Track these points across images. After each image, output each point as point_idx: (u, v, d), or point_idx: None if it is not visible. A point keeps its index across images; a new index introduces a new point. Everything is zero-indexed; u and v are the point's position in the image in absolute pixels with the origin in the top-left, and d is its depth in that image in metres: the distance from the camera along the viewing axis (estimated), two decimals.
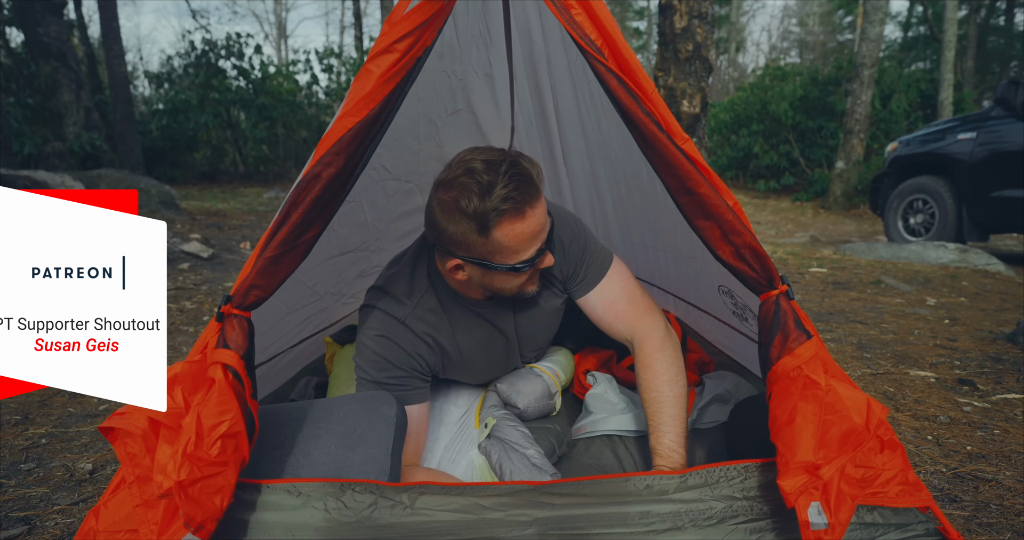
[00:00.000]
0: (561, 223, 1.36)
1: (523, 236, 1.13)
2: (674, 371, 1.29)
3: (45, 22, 8.23)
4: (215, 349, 0.91)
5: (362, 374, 1.29)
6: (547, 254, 1.21)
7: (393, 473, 1.03)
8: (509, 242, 1.13)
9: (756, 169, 13.42)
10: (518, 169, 1.09)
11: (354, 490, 0.91)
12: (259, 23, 50.96)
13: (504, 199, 1.07)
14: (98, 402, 2.03)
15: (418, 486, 0.93)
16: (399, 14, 0.95)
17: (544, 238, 1.18)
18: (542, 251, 1.19)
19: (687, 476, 0.92)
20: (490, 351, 1.46)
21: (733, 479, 0.92)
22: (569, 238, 1.37)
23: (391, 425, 1.06)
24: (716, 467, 0.93)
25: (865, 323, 2.94)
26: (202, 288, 3.97)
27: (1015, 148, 4.67)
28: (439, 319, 1.34)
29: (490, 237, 1.11)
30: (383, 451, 1.03)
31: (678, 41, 4.01)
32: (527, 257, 1.16)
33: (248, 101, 12.95)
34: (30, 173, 5.25)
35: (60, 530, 1.27)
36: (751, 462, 0.93)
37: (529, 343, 1.54)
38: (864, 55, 9.72)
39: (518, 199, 1.08)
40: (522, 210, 1.09)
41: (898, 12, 22.03)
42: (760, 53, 33.59)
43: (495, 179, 1.07)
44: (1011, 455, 1.53)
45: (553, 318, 1.53)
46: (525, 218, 1.10)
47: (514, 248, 1.14)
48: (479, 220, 1.09)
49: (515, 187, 1.07)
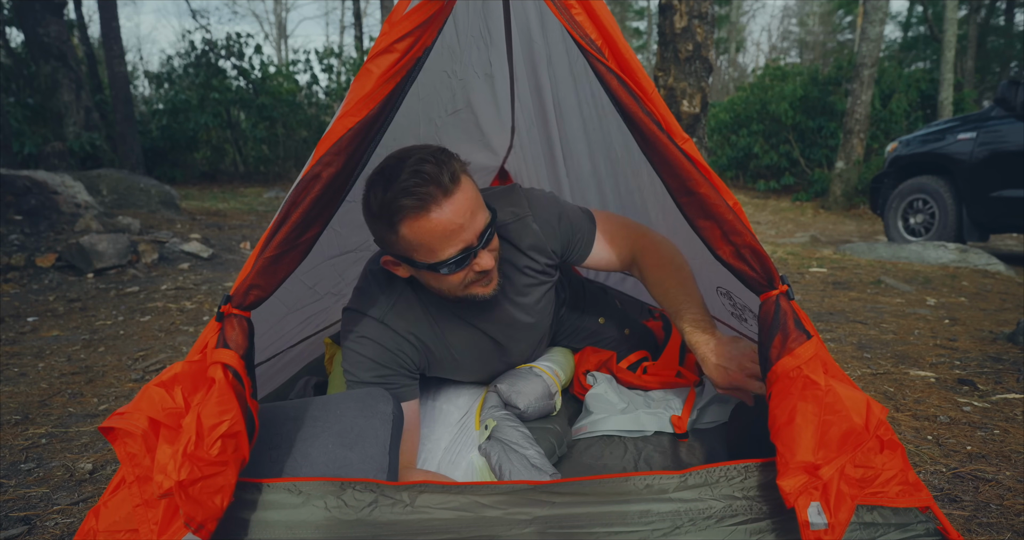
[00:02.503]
0: (541, 205, 1.38)
1: (433, 234, 1.07)
2: (678, 260, 1.40)
3: (45, 22, 8.23)
4: (215, 349, 0.91)
5: (350, 377, 1.29)
6: (481, 255, 1.15)
7: (391, 470, 1.03)
8: (420, 240, 1.09)
9: (756, 169, 13.42)
10: (422, 166, 1.04)
11: (354, 488, 0.91)
12: (259, 23, 51.10)
13: (403, 193, 1.03)
14: (98, 402, 2.03)
15: (418, 484, 0.93)
16: (399, 14, 0.95)
17: (469, 239, 1.11)
18: (471, 252, 1.13)
19: (687, 476, 0.92)
20: (477, 349, 1.46)
21: (733, 479, 0.92)
22: (556, 216, 1.38)
23: (388, 422, 1.06)
24: (716, 467, 0.93)
25: (865, 323, 2.94)
26: (202, 288, 3.97)
27: (1015, 148, 4.67)
28: (419, 317, 1.33)
29: (400, 234, 1.08)
30: (381, 449, 1.03)
31: (678, 41, 4.01)
32: (446, 257, 1.11)
33: (248, 101, 12.95)
34: (30, 173, 5.25)
35: (60, 530, 1.27)
36: (751, 462, 0.93)
37: (517, 341, 1.52)
38: (864, 55, 9.73)
39: (420, 195, 1.04)
40: (426, 206, 1.05)
41: (898, 12, 22.07)
42: (760, 53, 33.61)
43: (396, 174, 1.05)
44: (1011, 455, 1.53)
45: (539, 311, 1.50)
46: (430, 215, 1.05)
47: (428, 246, 1.10)
48: (385, 217, 1.07)
49: (417, 183, 1.03)
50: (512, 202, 1.36)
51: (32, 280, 3.96)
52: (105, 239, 4.35)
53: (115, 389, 2.16)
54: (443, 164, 1.07)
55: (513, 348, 1.52)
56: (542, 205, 1.38)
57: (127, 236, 4.64)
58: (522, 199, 1.37)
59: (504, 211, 1.33)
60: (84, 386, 2.19)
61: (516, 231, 1.35)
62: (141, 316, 3.26)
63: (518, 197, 1.38)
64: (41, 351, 2.64)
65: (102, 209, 5.47)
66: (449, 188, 1.06)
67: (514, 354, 1.55)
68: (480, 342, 1.45)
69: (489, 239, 1.16)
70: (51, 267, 4.14)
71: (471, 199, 1.10)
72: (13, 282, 3.89)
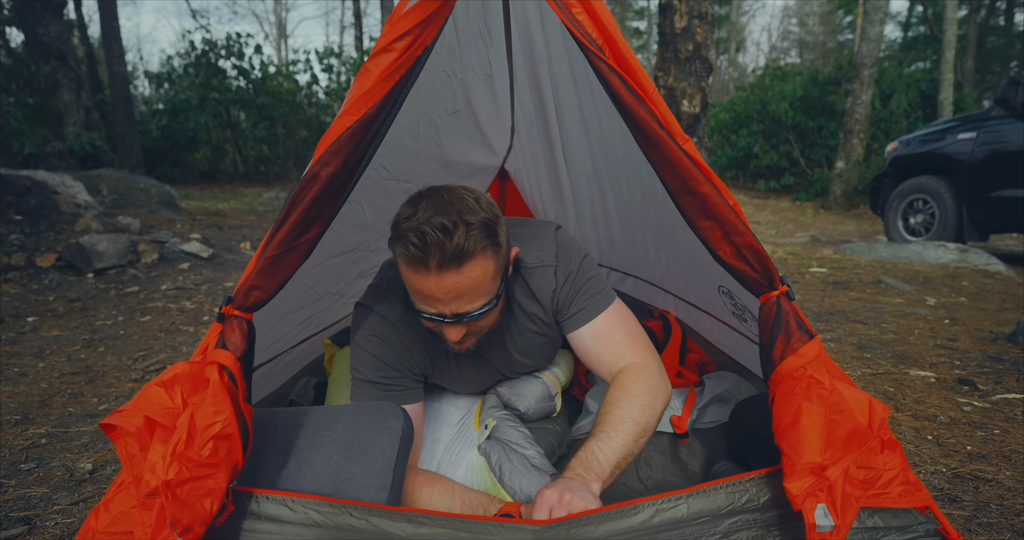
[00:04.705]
0: (567, 256, 1.32)
1: (412, 284, 1.05)
2: (646, 401, 1.11)
3: (45, 22, 8.23)
4: (213, 349, 0.91)
5: (357, 374, 1.29)
6: (450, 328, 1.11)
7: (395, 487, 1.00)
8: (404, 276, 1.07)
9: (756, 169, 13.41)
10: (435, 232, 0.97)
11: (351, 513, 0.87)
12: (259, 23, 51.06)
13: (405, 241, 0.99)
14: (98, 402, 2.03)
15: (418, 513, 0.87)
16: (399, 13, 0.95)
17: (444, 311, 1.07)
18: (452, 320, 1.08)
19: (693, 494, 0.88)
20: (478, 370, 1.47)
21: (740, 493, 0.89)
22: (564, 276, 1.31)
23: (396, 438, 1.04)
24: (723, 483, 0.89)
25: (865, 323, 2.94)
26: (202, 288, 3.97)
27: (1015, 148, 4.67)
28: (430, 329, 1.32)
29: (396, 257, 1.06)
30: (385, 465, 1.00)
31: (678, 41, 4.01)
32: (419, 309, 1.10)
33: (248, 101, 12.95)
34: (30, 173, 5.25)
35: (60, 530, 1.27)
36: (755, 474, 0.91)
37: (518, 369, 1.52)
38: (864, 55, 9.72)
39: (412, 255, 0.99)
40: (414, 266, 1.01)
41: (898, 12, 22.07)
42: (760, 53, 33.60)
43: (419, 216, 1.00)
44: (1011, 455, 1.53)
45: (538, 355, 1.48)
46: (417, 273, 1.02)
47: (409, 286, 1.08)
48: (393, 240, 1.05)
49: (416, 244, 0.98)
50: (543, 246, 1.31)
51: (32, 280, 3.96)
52: (105, 239, 4.35)
53: (115, 389, 2.16)
54: (456, 237, 0.99)
55: (512, 374, 1.54)
56: (567, 257, 1.32)
57: (127, 236, 4.64)
58: (552, 246, 1.32)
59: (531, 254, 1.30)
60: (84, 386, 2.19)
61: (537, 277, 1.31)
62: (141, 316, 3.26)
63: (549, 242, 1.32)
64: (41, 351, 2.64)
65: (102, 209, 5.47)
66: (445, 265, 1.00)
67: (512, 376, 1.56)
68: (480, 364, 1.46)
69: (470, 320, 1.10)
70: (51, 267, 4.14)
71: (466, 284, 1.04)
72: (13, 282, 3.89)
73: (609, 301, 1.32)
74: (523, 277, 1.30)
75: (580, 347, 1.31)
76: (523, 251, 1.28)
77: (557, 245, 1.32)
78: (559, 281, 1.30)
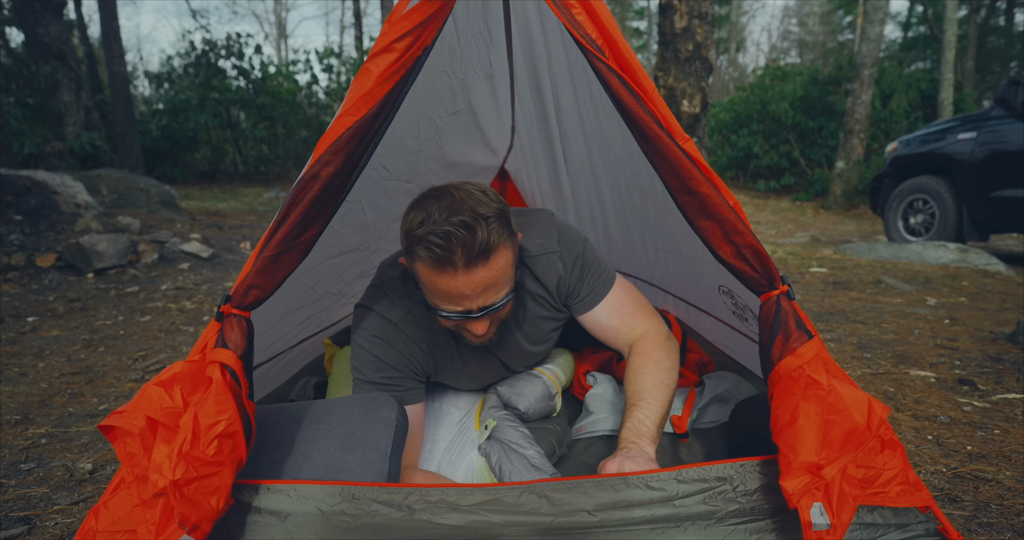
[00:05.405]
0: (569, 242, 1.34)
1: (436, 288, 1.06)
2: (668, 364, 1.23)
3: (45, 22, 8.23)
4: (214, 348, 0.91)
5: (358, 375, 1.29)
6: (475, 322, 1.13)
7: (391, 476, 1.02)
8: (426, 283, 1.08)
9: (756, 169, 13.42)
10: (459, 229, 0.99)
11: (352, 494, 0.90)
12: (259, 23, 51.02)
13: (427, 243, 1.00)
14: (98, 402, 2.03)
15: (417, 488, 0.91)
16: (399, 14, 0.95)
17: (471, 307, 1.09)
18: (468, 316, 1.11)
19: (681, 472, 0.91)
20: (482, 364, 1.47)
21: (733, 478, 0.92)
22: (576, 257, 1.34)
23: (391, 428, 1.06)
24: (715, 465, 0.92)
25: (865, 323, 2.94)
26: (202, 288, 3.97)
27: (1015, 148, 4.67)
28: (432, 327, 1.33)
29: (414, 264, 1.08)
30: (381, 454, 1.02)
31: (678, 41, 4.01)
32: (442, 310, 1.11)
33: (248, 101, 12.95)
34: (30, 173, 5.25)
35: (60, 530, 1.27)
36: (750, 460, 0.93)
37: (523, 361, 1.54)
38: (864, 55, 9.72)
39: (439, 256, 1.00)
40: (441, 267, 1.02)
41: (898, 12, 22.08)
42: (760, 53, 33.61)
43: (435, 218, 1.00)
44: (1011, 455, 1.53)
45: (547, 341, 1.51)
46: (442, 275, 1.03)
47: (431, 291, 1.09)
48: (408, 245, 1.06)
49: (441, 244, 0.99)
50: (542, 233, 1.34)
51: (32, 280, 3.96)
52: (105, 239, 4.35)
53: (115, 389, 2.16)
54: (479, 233, 1.01)
55: (518, 366, 1.55)
56: (570, 242, 1.35)
57: (127, 236, 4.64)
58: (553, 232, 1.35)
59: (532, 241, 1.32)
60: (84, 386, 2.19)
61: (542, 264, 1.33)
62: (141, 316, 3.26)
63: (549, 228, 1.35)
64: (41, 351, 2.64)
65: (102, 209, 5.47)
66: (473, 262, 1.02)
67: (518, 369, 1.57)
68: (486, 359, 1.47)
69: (495, 311, 1.13)
70: (51, 267, 4.14)
71: (492, 276, 1.07)
72: (13, 282, 3.89)
73: (613, 277, 1.40)
74: (527, 265, 1.32)
75: (595, 326, 1.39)
76: (524, 239, 1.29)
77: (557, 231, 1.35)
78: (567, 266, 1.34)
